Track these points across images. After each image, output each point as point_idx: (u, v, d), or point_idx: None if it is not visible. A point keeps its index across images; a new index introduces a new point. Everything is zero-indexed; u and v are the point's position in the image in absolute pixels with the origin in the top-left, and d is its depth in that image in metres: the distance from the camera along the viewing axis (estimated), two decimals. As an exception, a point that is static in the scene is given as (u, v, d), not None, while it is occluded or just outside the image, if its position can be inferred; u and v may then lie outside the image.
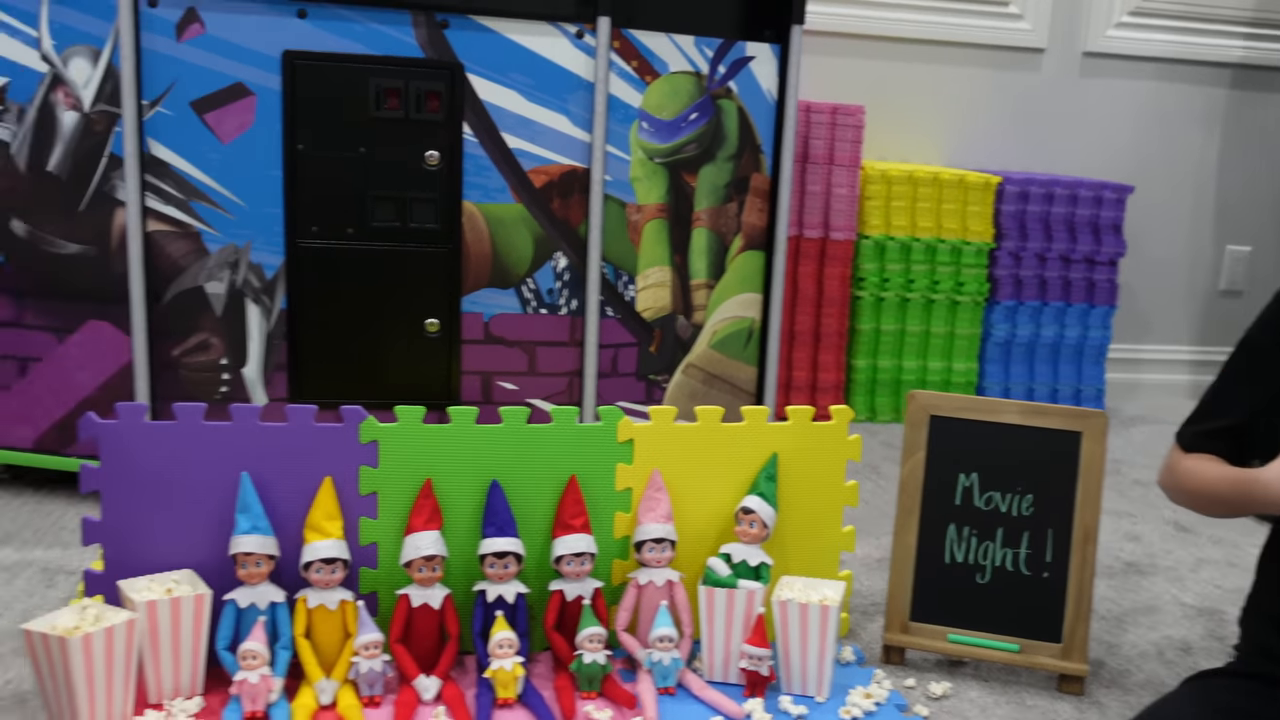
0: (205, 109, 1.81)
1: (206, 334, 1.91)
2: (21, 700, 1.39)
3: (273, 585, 1.38)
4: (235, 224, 1.86)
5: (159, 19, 1.78)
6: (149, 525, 1.39)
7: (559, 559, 1.44)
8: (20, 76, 1.81)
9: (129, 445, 1.37)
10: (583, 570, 1.44)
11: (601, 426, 1.48)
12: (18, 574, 1.72)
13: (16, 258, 1.88)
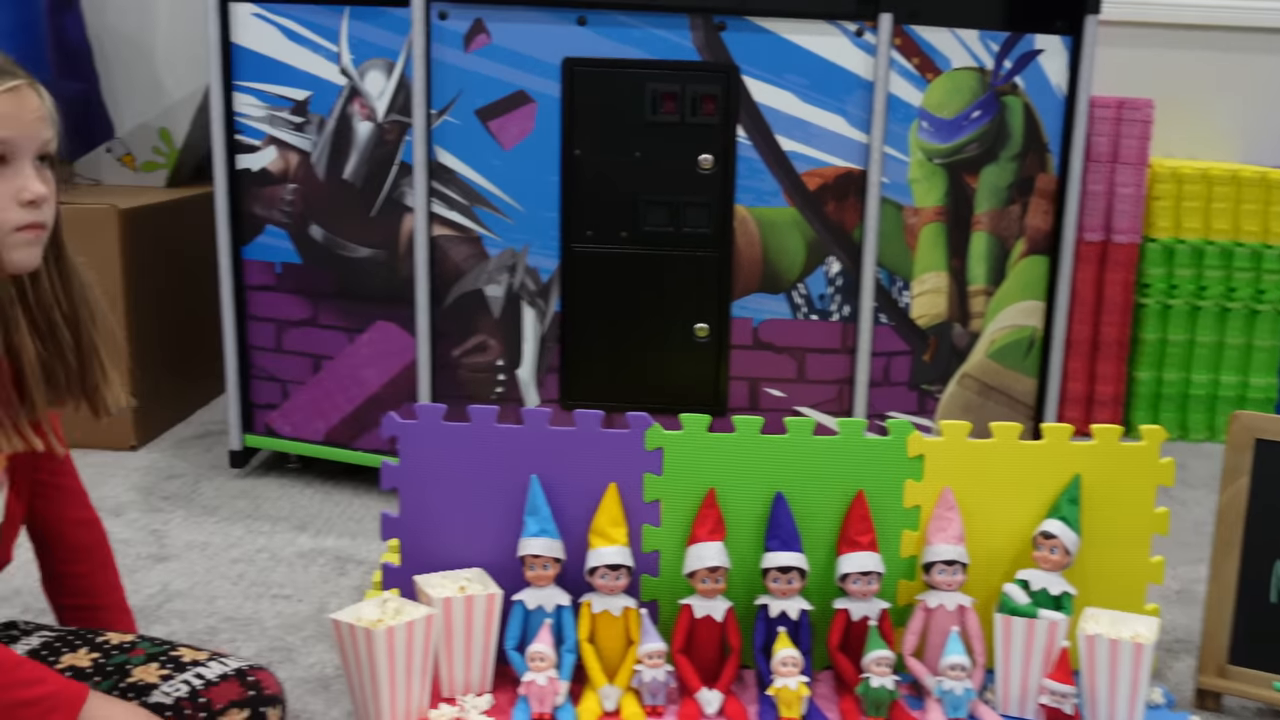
0: (489, 117, 1.86)
1: (484, 335, 1.96)
2: (325, 684, 1.45)
3: (558, 588, 1.39)
4: (514, 228, 1.90)
5: (449, 31, 1.84)
6: (442, 523, 1.43)
7: (844, 577, 1.39)
8: (321, 90, 1.91)
9: (426, 445, 1.41)
10: (869, 590, 1.38)
11: (890, 441, 1.42)
12: (313, 561, 1.81)
13: (313, 260, 1.99)
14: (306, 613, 1.63)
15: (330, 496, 2.10)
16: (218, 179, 1.99)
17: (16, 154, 1.09)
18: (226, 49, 1.94)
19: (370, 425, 2.05)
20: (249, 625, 1.59)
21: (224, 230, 2.02)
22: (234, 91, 1.96)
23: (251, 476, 2.19)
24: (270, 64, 1.93)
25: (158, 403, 2.41)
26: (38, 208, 1.09)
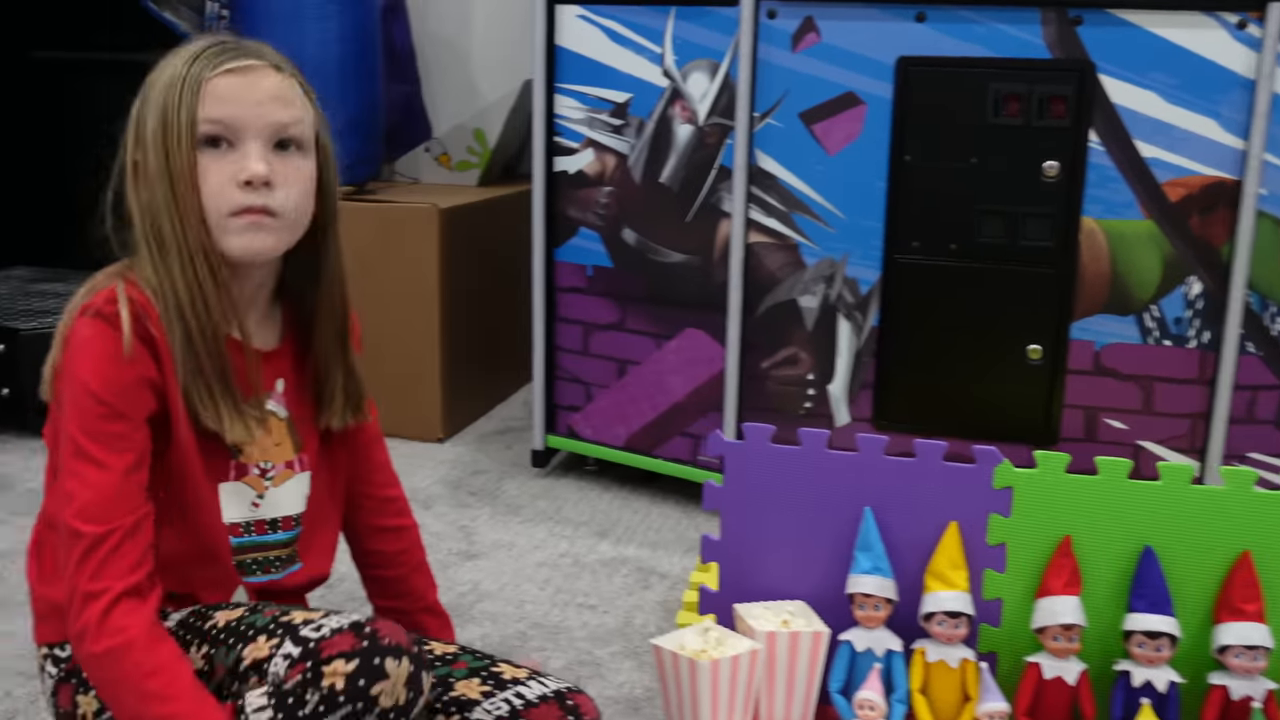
0: (814, 119, 1.77)
1: (796, 348, 1.88)
2: (635, 706, 1.41)
3: (889, 631, 1.29)
4: (834, 237, 1.81)
5: (777, 30, 1.76)
6: (765, 550, 1.36)
7: (1224, 649, 1.21)
8: (643, 92, 1.88)
9: (753, 467, 1.34)
10: (1255, 666, 1.20)
11: (1289, 497, 1.23)
12: (615, 570, 1.78)
13: (625, 264, 1.97)
14: (613, 625, 1.60)
15: (629, 503, 2.07)
16: (536, 181, 2.00)
17: (240, 135, 1.05)
18: (550, 51, 1.94)
19: (672, 433, 2.01)
20: (557, 635, 1.57)
21: (539, 232, 2.02)
22: (555, 94, 1.96)
23: (551, 477, 2.20)
24: (592, 66, 1.92)
25: (464, 397, 2.48)
26: (256, 190, 1.04)
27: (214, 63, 1.05)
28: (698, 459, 2.00)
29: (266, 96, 1.05)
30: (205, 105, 1.04)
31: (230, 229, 1.05)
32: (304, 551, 1.20)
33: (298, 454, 1.18)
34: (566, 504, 2.06)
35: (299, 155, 1.07)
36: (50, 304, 2.51)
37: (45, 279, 2.79)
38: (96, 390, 1.01)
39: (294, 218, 1.07)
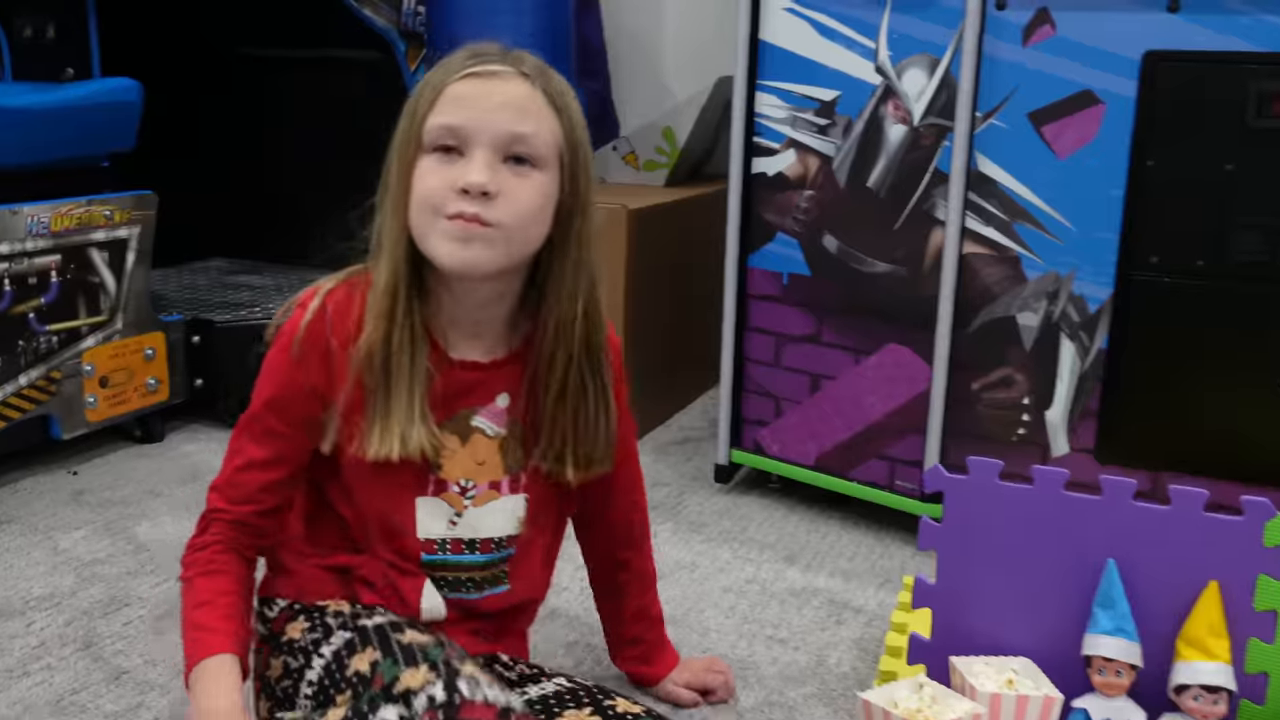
0: (1044, 120, 1.62)
1: (1011, 369, 1.72)
2: (832, 758, 1.30)
3: (1132, 702, 1.14)
4: (1060, 249, 1.64)
5: (1006, 22, 1.61)
6: (986, 598, 1.22)
7: None
8: (852, 90, 1.76)
9: (977, 505, 1.21)
10: None
11: None
12: (806, 601, 1.67)
13: (823, 273, 1.85)
14: (804, 664, 1.49)
15: (816, 527, 1.95)
16: (732, 182, 1.90)
17: (469, 143, 1.00)
18: (753, 46, 1.84)
19: (868, 455, 1.88)
20: (745, 670, 1.47)
21: (733, 236, 1.92)
22: (756, 91, 1.86)
23: (734, 493, 2.10)
24: (798, 61, 1.80)
25: (645, 404, 2.40)
26: (474, 199, 0.98)
27: (460, 68, 1.01)
28: (895, 484, 1.86)
29: (502, 104, 0.99)
30: (438, 110, 1.01)
31: (439, 232, 1.00)
32: (515, 574, 1.15)
33: (510, 474, 1.12)
34: (751, 524, 1.96)
35: (533, 170, 1.01)
36: (244, 296, 2.55)
37: (241, 271, 2.85)
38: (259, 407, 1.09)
39: (513, 234, 1.01)
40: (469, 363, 1.09)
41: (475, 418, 1.10)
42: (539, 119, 1.01)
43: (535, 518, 1.14)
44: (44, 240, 1.94)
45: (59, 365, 2.01)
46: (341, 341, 1.04)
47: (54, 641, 1.47)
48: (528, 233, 1.02)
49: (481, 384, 1.09)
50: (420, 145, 1.01)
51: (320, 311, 1.05)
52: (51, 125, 1.95)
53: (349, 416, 1.06)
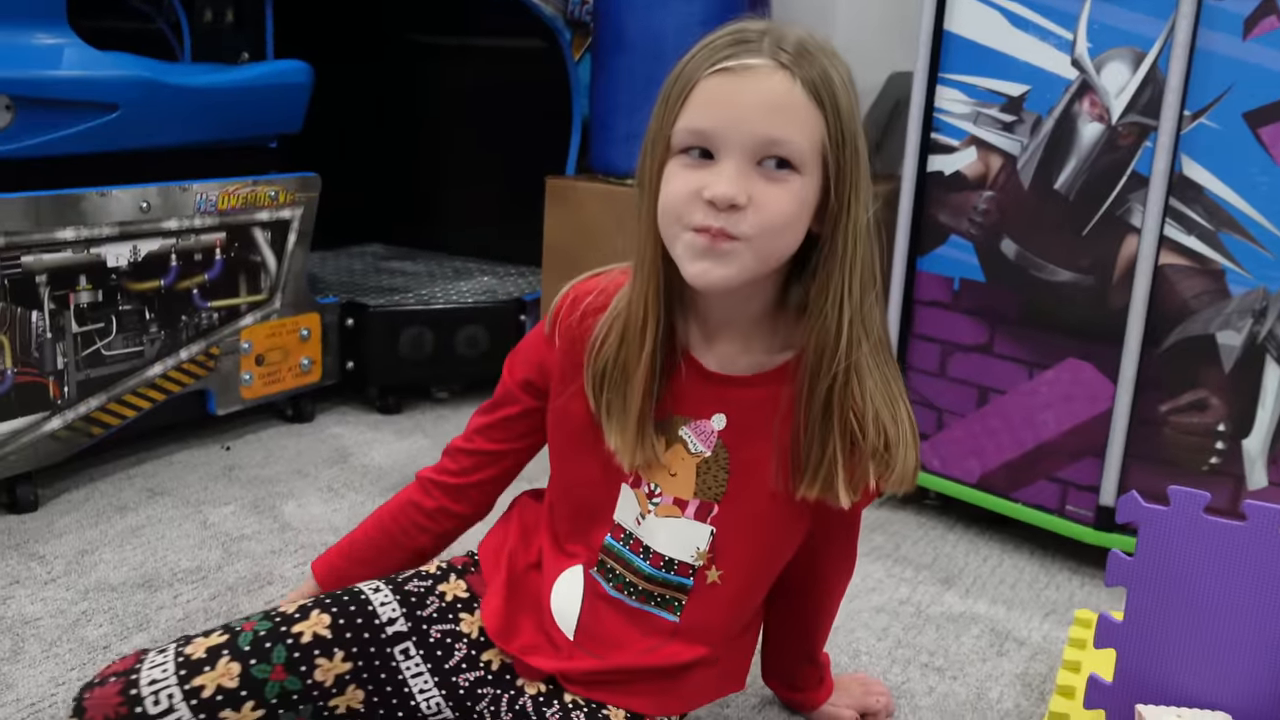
0: (1262, 121, 1.47)
1: (1206, 392, 1.58)
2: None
3: (1352, 774, 1.01)
4: (1271, 264, 1.49)
5: (1225, 13, 1.47)
6: (1179, 644, 1.10)
7: None
8: (1043, 84, 1.64)
9: (1177, 540, 1.09)
10: None
11: None
12: (965, 629, 1.56)
13: (999, 280, 1.73)
14: (964, 696, 1.38)
15: (977, 549, 1.83)
16: (906, 180, 1.80)
17: (720, 148, 0.92)
18: (937, 37, 1.73)
19: (1037, 476, 1.75)
20: (899, 698, 1.37)
21: (903, 236, 1.82)
22: (938, 85, 1.75)
23: (888, 508, 1.99)
24: (986, 54, 1.69)
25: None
26: (717, 212, 0.92)
27: (712, 60, 0.93)
28: (1066, 509, 1.73)
29: (757, 105, 0.91)
30: (688, 110, 0.93)
31: (683, 245, 0.94)
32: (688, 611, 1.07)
33: (702, 501, 1.05)
34: (905, 541, 1.85)
35: (791, 174, 0.92)
36: (398, 282, 2.57)
37: (396, 257, 2.87)
38: (506, 375, 1.15)
39: (761, 246, 0.93)
40: (699, 367, 1.04)
41: (684, 428, 1.05)
42: (797, 119, 0.92)
43: (723, 560, 1.06)
44: (210, 218, 1.97)
45: (218, 341, 2.04)
46: (581, 328, 1.05)
47: (198, 615, 1.48)
48: (778, 242, 0.95)
49: (706, 396, 1.04)
50: (669, 146, 0.95)
51: (572, 298, 1.08)
52: (223, 105, 1.98)
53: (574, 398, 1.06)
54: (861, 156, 0.96)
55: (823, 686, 1.30)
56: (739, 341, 1.04)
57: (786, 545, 1.11)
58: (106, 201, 1.79)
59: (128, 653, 1.12)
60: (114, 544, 1.67)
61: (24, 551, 1.63)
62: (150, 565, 1.61)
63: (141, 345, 1.90)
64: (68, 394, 1.80)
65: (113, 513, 1.78)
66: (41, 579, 1.55)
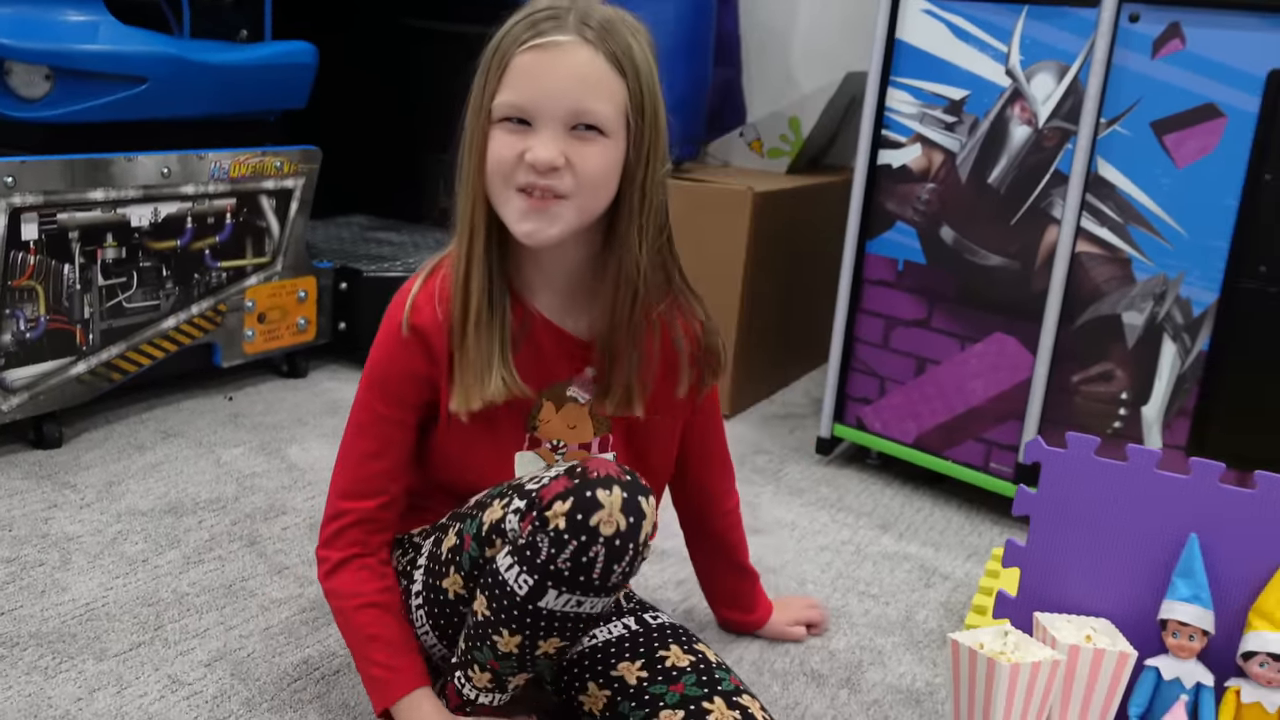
0: (1166, 130, 1.70)
1: (1112, 365, 1.81)
2: (916, 699, 1.42)
3: (1201, 665, 1.24)
4: (1171, 254, 1.73)
5: (1137, 34, 1.70)
6: (1071, 563, 1.33)
7: None
8: (980, 90, 1.86)
9: (1072, 478, 1.31)
10: None
11: None
12: (898, 565, 1.78)
13: (938, 262, 1.95)
14: (894, 617, 1.61)
15: (911, 501, 2.06)
16: (858, 171, 2.01)
17: (537, 118, 1.03)
18: (889, 44, 1.94)
19: (965, 437, 1.98)
20: (839, 618, 1.59)
21: (854, 221, 2.04)
22: (889, 87, 1.97)
23: (833, 465, 2.21)
24: (932, 61, 1.91)
25: (753, 379, 2.52)
26: (539, 173, 1.02)
27: (522, 37, 1.03)
28: (990, 466, 1.96)
29: (567, 78, 1.01)
30: (506, 85, 1.03)
31: (513, 206, 1.05)
32: None
33: (599, 436, 1.22)
34: (849, 494, 2.07)
35: (600, 136, 1.04)
36: (385, 250, 2.74)
37: (380, 228, 3.04)
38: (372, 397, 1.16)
39: (582, 201, 1.05)
40: (568, 335, 1.17)
41: (570, 388, 1.19)
42: (603, 88, 1.02)
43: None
44: (223, 185, 2.14)
45: (225, 299, 2.21)
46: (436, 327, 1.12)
47: (223, 537, 1.66)
48: (595, 197, 1.06)
49: (575, 355, 1.17)
50: (489, 117, 1.05)
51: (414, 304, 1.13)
52: (239, 81, 2.15)
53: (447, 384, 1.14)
54: (660, 118, 1.08)
55: (762, 604, 1.49)
56: (579, 297, 1.16)
57: (670, 439, 1.29)
58: (133, 166, 1.95)
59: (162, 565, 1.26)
60: (137, 477, 1.84)
61: (56, 481, 1.80)
62: (173, 495, 1.79)
63: (158, 300, 2.07)
64: (92, 341, 1.96)
65: (132, 450, 1.95)
66: (76, 504, 1.72)
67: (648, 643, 1.19)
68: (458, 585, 1.12)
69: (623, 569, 1.01)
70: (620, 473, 1.02)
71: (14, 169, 1.77)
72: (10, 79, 1.85)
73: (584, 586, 1.01)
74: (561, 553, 0.99)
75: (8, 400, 1.84)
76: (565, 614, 1.03)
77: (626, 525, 0.99)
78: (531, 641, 1.05)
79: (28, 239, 1.81)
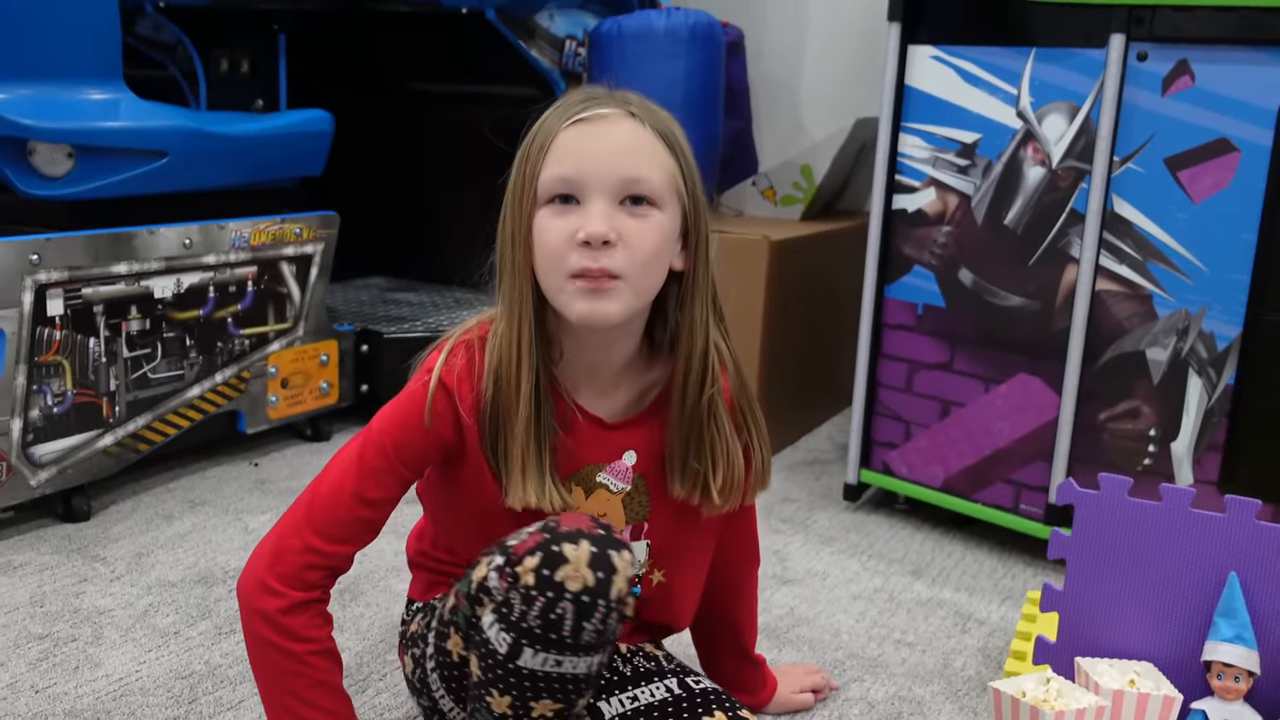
0: (1180, 166, 1.70)
1: (1138, 401, 1.80)
2: (959, 749, 1.40)
3: (1249, 707, 1.22)
4: (1191, 289, 1.72)
5: (1146, 73, 1.71)
6: (1110, 606, 1.31)
7: None
8: (993, 133, 1.87)
9: (1106, 519, 1.30)
10: None
11: None
12: (932, 611, 1.77)
13: (958, 304, 1.95)
14: (932, 666, 1.59)
15: (942, 546, 2.05)
16: (874, 217, 2.02)
17: (585, 192, 1.00)
18: (899, 91, 1.96)
19: (994, 479, 1.97)
20: (876, 668, 1.57)
21: (872, 266, 2.04)
22: (900, 133, 1.98)
23: (861, 511, 2.20)
24: (942, 106, 1.92)
25: (776, 426, 2.51)
26: (595, 251, 0.98)
27: (568, 114, 1.02)
28: (1020, 507, 1.95)
29: (614, 149, 0.99)
30: (550, 160, 1.01)
31: (568, 292, 1.01)
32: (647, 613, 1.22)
33: (634, 524, 1.18)
34: (878, 540, 2.06)
35: (652, 209, 1.01)
36: (405, 311, 2.76)
37: (399, 288, 3.07)
38: (386, 445, 1.08)
39: (638, 279, 1.02)
40: (597, 419, 1.12)
41: (600, 474, 1.14)
42: (652, 158, 1.01)
43: (662, 563, 1.19)
44: (244, 253, 2.16)
45: (249, 366, 2.23)
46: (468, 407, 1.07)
47: (253, 606, 1.66)
48: (650, 275, 1.03)
49: (610, 441, 1.13)
50: (535, 198, 1.02)
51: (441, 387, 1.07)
52: (257, 150, 2.17)
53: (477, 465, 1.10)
54: (703, 199, 1.07)
55: (767, 684, 1.42)
56: (620, 383, 1.12)
57: (709, 534, 1.25)
58: (155, 239, 1.98)
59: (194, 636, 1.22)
60: (166, 547, 1.84)
61: (86, 554, 1.80)
62: (202, 565, 1.79)
63: (182, 369, 2.09)
64: (118, 413, 1.97)
65: (160, 521, 1.95)
66: (107, 577, 1.72)
67: (691, 707, 1.16)
68: (459, 646, 1.10)
69: (595, 626, 0.97)
70: (592, 526, 0.98)
71: (39, 246, 1.79)
72: (33, 158, 1.88)
73: (558, 645, 0.97)
74: (531, 609, 0.97)
75: (36, 475, 1.85)
76: (549, 674, 0.99)
77: (595, 581, 0.96)
78: (522, 703, 1.01)
79: (53, 314, 1.83)
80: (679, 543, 1.21)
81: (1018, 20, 1.83)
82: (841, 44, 2.74)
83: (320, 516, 1.09)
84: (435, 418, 1.08)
